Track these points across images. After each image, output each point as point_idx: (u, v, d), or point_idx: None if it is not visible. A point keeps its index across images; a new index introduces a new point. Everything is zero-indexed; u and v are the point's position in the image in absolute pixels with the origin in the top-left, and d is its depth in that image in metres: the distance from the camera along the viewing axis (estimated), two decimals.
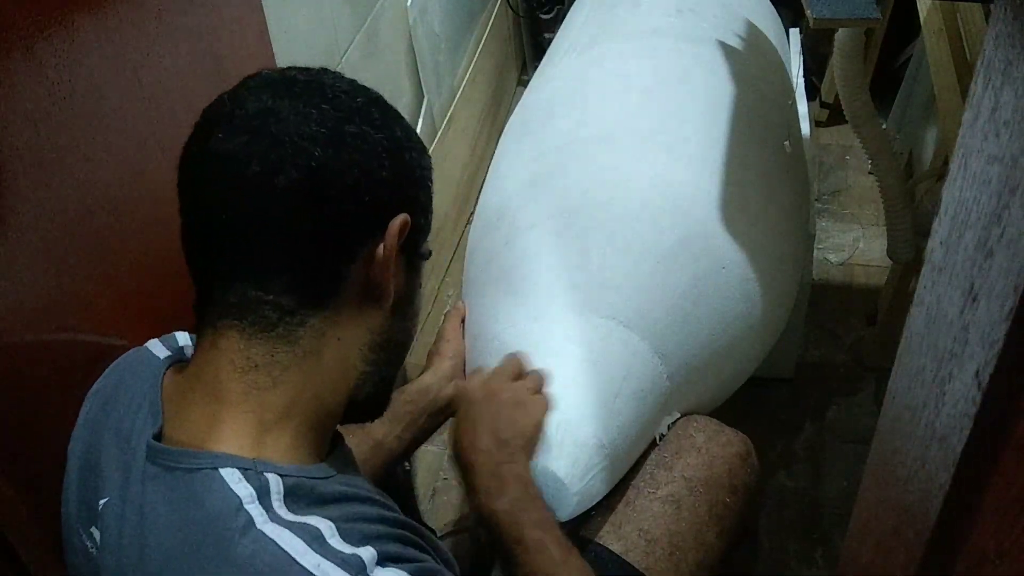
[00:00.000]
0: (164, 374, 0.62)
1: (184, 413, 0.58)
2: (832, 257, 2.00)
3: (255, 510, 0.53)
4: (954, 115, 1.32)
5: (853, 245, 2.03)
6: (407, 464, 1.02)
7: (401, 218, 0.59)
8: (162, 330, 0.70)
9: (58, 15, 0.61)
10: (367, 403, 0.65)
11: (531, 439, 0.81)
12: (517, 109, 1.28)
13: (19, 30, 0.58)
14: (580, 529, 0.89)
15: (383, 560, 0.53)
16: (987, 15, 1.25)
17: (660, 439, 0.95)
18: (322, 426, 0.61)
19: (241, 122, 0.55)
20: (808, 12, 1.16)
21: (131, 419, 0.61)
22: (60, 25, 0.62)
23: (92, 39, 0.65)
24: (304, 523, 0.53)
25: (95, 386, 0.67)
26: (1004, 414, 0.41)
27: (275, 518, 0.53)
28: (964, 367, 0.44)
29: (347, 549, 0.52)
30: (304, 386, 0.58)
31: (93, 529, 0.60)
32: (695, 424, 0.98)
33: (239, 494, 0.53)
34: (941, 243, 0.49)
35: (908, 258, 1.57)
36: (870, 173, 2.16)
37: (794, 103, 1.52)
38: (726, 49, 1.23)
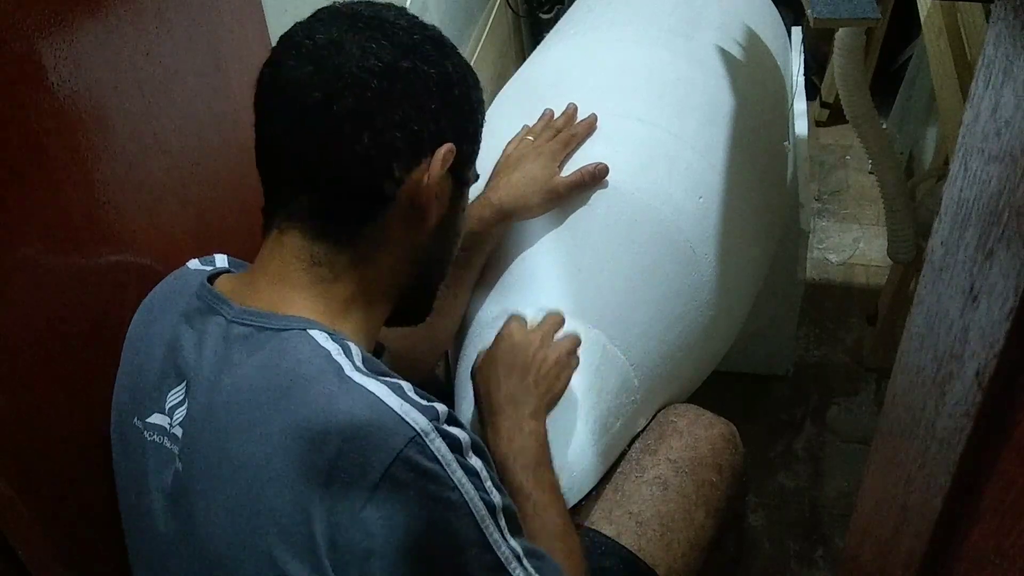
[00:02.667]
0: (214, 279, 0.68)
1: (253, 296, 0.65)
2: (832, 257, 2.00)
3: (343, 361, 0.59)
4: (954, 115, 1.32)
5: (853, 245, 2.03)
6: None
7: (446, 147, 0.65)
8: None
9: (58, 15, 0.61)
10: (411, 309, 0.74)
11: (556, 400, 0.82)
12: (505, 90, 1.26)
13: (18, 30, 0.58)
14: (572, 516, 0.88)
15: (451, 419, 0.60)
16: (988, 14, 1.25)
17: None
18: (374, 324, 0.69)
19: (308, 52, 0.62)
20: (808, 12, 1.16)
21: (198, 318, 0.66)
22: (60, 25, 0.62)
23: (91, 39, 0.65)
24: (387, 378, 0.60)
25: (142, 304, 0.72)
26: (1004, 414, 0.41)
27: (360, 370, 0.59)
28: (964, 367, 0.44)
29: (424, 401, 0.59)
30: (360, 284, 0.66)
31: (155, 416, 0.65)
32: (675, 411, 0.99)
33: (328, 348, 0.60)
34: (941, 243, 0.49)
35: (908, 258, 1.57)
36: (870, 173, 2.16)
37: (791, 106, 1.51)
38: (721, 49, 1.23)
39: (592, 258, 0.94)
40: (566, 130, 0.96)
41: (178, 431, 0.63)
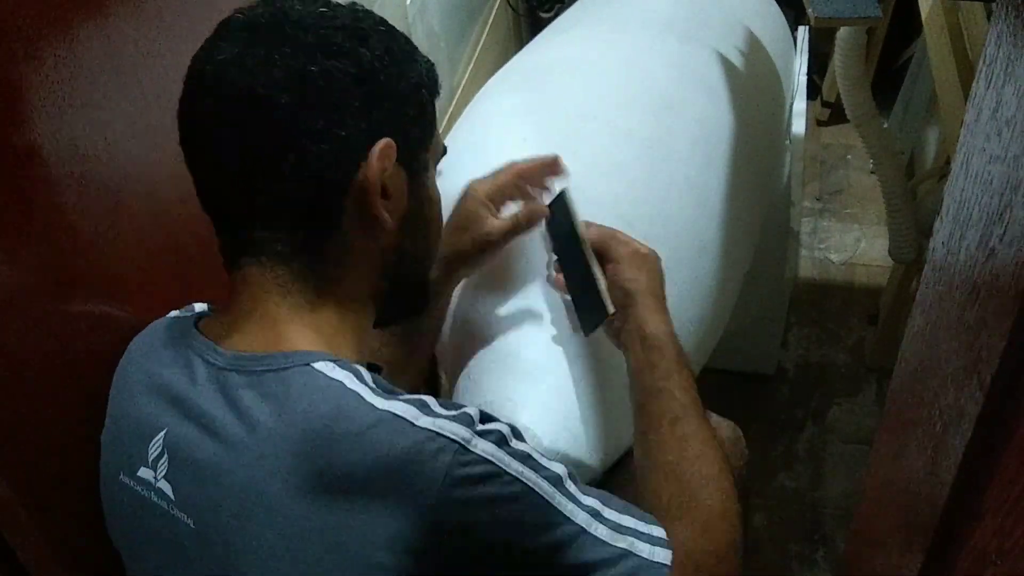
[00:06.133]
0: (197, 323, 0.65)
1: (242, 339, 0.61)
2: (834, 257, 2.00)
3: (360, 388, 0.56)
4: (956, 114, 1.32)
5: (855, 245, 2.03)
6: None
7: (382, 144, 0.60)
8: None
9: (58, 15, 0.61)
10: (402, 305, 0.71)
11: None
12: (495, 83, 1.24)
13: (20, 30, 0.58)
14: None
15: (484, 416, 0.57)
16: (989, 14, 1.25)
17: None
18: (365, 336, 0.66)
19: (212, 82, 0.57)
20: (810, 11, 1.16)
21: (177, 364, 0.62)
22: (60, 25, 0.61)
23: (92, 40, 0.65)
24: (407, 398, 0.56)
25: (123, 358, 0.68)
26: (1006, 414, 0.41)
27: (377, 392, 0.56)
28: (965, 367, 0.44)
29: (453, 411, 0.56)
30: (339, 304, 0.62)
31: (142, 471, 0.61)
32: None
33: (339, 378, 0.56)
34: (943, 242, 0.49)
35: (910, 258, 1.57)
36: (872, 172, 2.16)
37: (790, 106, 1.51)
38: (719, 54, 1.22)
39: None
40: (504, 172, 0.87)
41: (165, 487, 0.59)
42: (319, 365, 0.57)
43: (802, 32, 1.74)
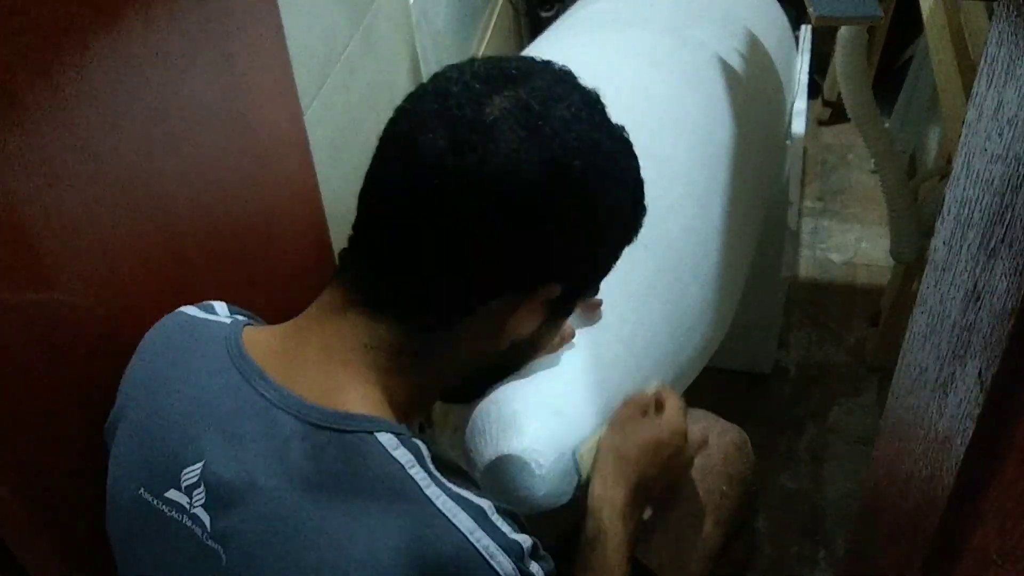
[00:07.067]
0: (242, 332, 0.63)
1: (299, 374, 0.59)
2: (835, 257, 2.00)
3: (418, 474, 0.55)
4: (957, 114, 1.32)
5: (856, 245, 2.03)
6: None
7: (548, 291, 0.60)
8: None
9: (66, 12, 0.61)
10: (460, 395, 0.72)
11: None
12: None
13: (26, 27, 0.58)
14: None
15: (534, 552, 0.56)
16: (990, 13, 1.24)
17: None
18: (424, 409, 0.66)
19: (454, 126, 0.55)
20: (811, 10, 1.16)
21: (214, 378, 0.61)
22: (68, 22, 0.61)
23: (101, 37, 0.65)
24: (467, 499, 0.55)
25: (139, 355, 0.67)
26: (1007, 415, 0.41)
27: (438, 482, 0.55)
28: (967, 367, 0.44)
29: (508, 532, 0.55)
30: (418, 381, 0.61)
31: (172, 492, 0.59)
32: (689, 416, 0.99)
33: (400, 460, 0.55)
34: (944, 242, 0.49)
35: (911, 258, 1.57)
36: (873, 172, 2.16)
37: (791, 106, 1.51)
38: (719, 56, 1.22)
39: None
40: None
41: (202, 514, 0.58)
42: (383, 438, 0.56)
43: (803, 31, 1.74)
